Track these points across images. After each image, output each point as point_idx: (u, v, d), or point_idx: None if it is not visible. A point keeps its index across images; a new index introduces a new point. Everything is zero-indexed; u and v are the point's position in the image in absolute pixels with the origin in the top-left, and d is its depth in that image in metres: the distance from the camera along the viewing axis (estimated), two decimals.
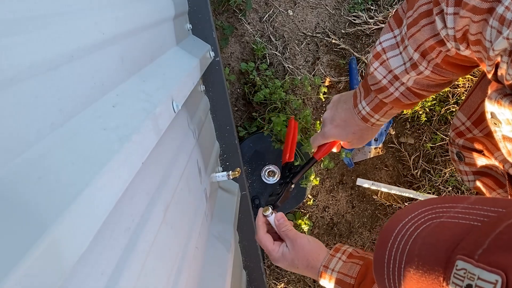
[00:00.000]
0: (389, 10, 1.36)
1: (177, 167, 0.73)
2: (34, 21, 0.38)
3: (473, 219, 0.40)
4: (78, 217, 0.33)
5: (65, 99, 0.42)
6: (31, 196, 0.32)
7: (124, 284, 0.46)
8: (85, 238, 0.34)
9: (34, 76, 0.37)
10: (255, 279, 1.38)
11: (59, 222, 0.30)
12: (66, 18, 0.44)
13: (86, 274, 0.39)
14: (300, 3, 1.37)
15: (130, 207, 0.52)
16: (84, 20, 0.48)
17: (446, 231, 0.40)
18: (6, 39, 0.34)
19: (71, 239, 0.32)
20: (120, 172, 0.41)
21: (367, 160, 1.48)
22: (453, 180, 1.47)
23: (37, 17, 0.39)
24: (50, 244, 0.29)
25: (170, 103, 0.62)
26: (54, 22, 0.42)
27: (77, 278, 0.37)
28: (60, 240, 0.30)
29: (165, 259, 0.62)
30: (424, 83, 0.70)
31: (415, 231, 0.42)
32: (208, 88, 1.12)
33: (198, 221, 0.83)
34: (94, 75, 0.49)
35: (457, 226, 0.40)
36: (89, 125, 0.44)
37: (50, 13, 0.42)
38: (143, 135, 0.49)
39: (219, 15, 1.35)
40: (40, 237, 0.28)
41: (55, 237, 0.29)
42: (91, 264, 0.40)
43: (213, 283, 0.83)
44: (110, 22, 0.54)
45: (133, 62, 0.62)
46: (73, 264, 0.32)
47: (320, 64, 1.40)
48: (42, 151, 0.36)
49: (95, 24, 0.50)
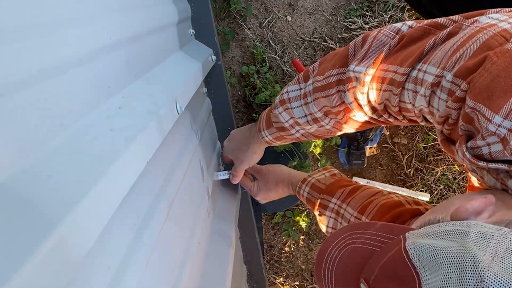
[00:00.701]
0: (383, 16, 1.36)
1: (180, 166, 0.73)
2: (44, 27, 0.38)
3: (375, 245, 0.45)
4: (86, 214, 0.33)
5: (73, 101, 0.42)
6: (41, 194, 0.32)
7: (130, 277, 0.46)
8: (93, 234, 0.34)
9: (44, 79, 0.37)
10: (255, 273, 1.38)
11: (68, 219, 0.30)
12: (75, 24, 0.44)
13: (93, 269, 0.39)
14: (298, 9, 1.37)
15: (135, 204, 0.52)
16: (92, 26, 0.48)
17: (357, 256, 0.45)
18: (18, 44, 0.34)
19: (79, 236, 0.32)
20: (126, 171, 0.42)
21: None
22: (445, 178, 1.47)
23: (47, 23, 0.39)
24: (59, 240, 0.29)
25: (174, 105, 0.62)
26: (63, 27, 0.42)
27: (84, 272, 0.37)
28: (68, 236, 0.30)
29: (169, 253, 0.62)
30: (324, 131, 0.75)
31: (338, 255, 0.47)
32: (210, 91, 1.13)
33: (200, 217, 0.83)
34: (101, 78, 0.49)
35: (365, 251, 0.45)
36: (96, 126, 0.44)
37: (60, 19, 0.42)
38: (148, 136, 0.49)
39: (220, 21, 1.35)
40: (49, 233, 0.28)
41: (63, 234, 0.29)
42: (98, 259, 0.40)
43: (215, 277, 0.83)
44: (117, 28, 0.54)
45: (138, 66, 0.62)
46: (80, 259, 0.32)
47: None
48: (51, 151, 0.36)
49: (103, 29, 0.50)
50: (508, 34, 0.44)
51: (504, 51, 0.43)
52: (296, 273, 1.58)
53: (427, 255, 0.37)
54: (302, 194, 0.90)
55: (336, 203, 0.82)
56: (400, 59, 0.54)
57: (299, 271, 1.57)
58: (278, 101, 0.76)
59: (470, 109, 0.45)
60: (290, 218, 1.51)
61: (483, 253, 0.35)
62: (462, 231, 0.38)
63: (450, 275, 0.35)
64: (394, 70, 0.54)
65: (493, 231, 0.37)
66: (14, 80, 0.33)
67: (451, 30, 0.51)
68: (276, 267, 1.57)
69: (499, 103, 0.42)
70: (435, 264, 0.36)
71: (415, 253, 0.38)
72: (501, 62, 0.43)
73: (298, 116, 0.74)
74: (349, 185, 0.85)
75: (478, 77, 0.44)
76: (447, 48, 0.49)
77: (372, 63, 0.58)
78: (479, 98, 0.44)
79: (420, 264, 0.37)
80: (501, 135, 0.43)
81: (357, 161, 1.40)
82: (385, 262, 0.41)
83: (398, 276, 0.38)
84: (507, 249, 0.35)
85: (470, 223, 0.39)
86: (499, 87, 0.42)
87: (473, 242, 0.36)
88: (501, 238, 0.36)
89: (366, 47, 0.61)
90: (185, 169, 0.76)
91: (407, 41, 0.56)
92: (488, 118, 0.43)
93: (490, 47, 0.45)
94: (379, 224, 0.48)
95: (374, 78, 0.58)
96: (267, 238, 1.54)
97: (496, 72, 0.43)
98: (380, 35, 0.60)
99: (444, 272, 0.35)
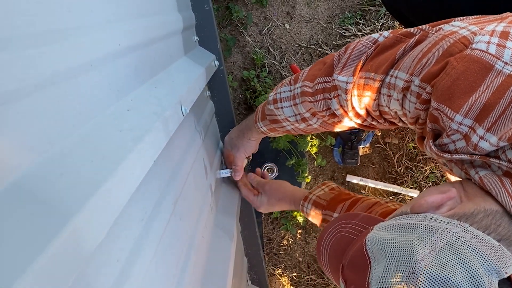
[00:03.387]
0: (375, 24, 1.35)
1: (185, 165, 0.73)
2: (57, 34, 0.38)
3: (355, 234, 0.47)
4: (97, 209, 0.33)
5: (84, 103, 0.42)
6: (54, 191, 0.32)
7: (138, 269, 0.46)
8: (103, 228, 0.34)
9: (57, 83, 0.37)
10: (255, 265, 1.38)
11: (80, 214, 0.30)
12: (86, 31, 0.44)
13: (103, 261, 0.39)
14: (296, 18, 1.37)
15: (143, 200, 0.52)
16: (102, 33, 0.48)
17: (341, 243, 0.48)
18: (32, 50, 0.34)
19: (90, 229, 0.32)
20: (134, 169, 0.42)
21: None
22: (433, 176, 1.47)
23: (60, 30, 0.39)
24: (71, 234, 0.29)
25: (179, 107, 0.62)
26: (75, 34, 0.42)
27: (95, 264, 0.37)
28: (80, 230, 0.30)
29: (174, 247, 0.62)
30: (312, 129, 0.76)
31: (330, 241, 0.50)
32: (213, 94, 1.12)
33: (204, 213, 0.83)
34: (111, 82, 0.49)
35: (347, 239, 0.48)
36: (106, 127, 0.44)
37: (72, 26, 0.42)
38: (155, 136, 0.49)
39: (223, 28, 1.35)
40: (62, 227, 0.28)
41: (76, 227, 0.29)
42: (108, 251, 0.40)
43: (217, 269, 0.83)
44: (126, 35, 0.54)
45: (145, 71, 0.62)
46: (91, 251, 0.32)
47: None
48: (64, 150, 0.36)
49: (112, 36, 0.50)
50: (467, 41, 0.45)
51: (463, 57, 0.44)
52: (293, 264, 1.58)
53: (378, 247, 0.39)
54: (305, 211, 0.91)
55: None
56: (375, 66, 0.56)
57: (297, 263, 1.57)
58: (271, 99, 0.77)
59: (435, 110, 0.46)
60: (288, 214, 1.51)
61: (423, 247, 0.36)
62: (412, 225, 0.39)
63: (390, 266, 0.36)
64: (371, 77, 0.56)
65: (440, 225, 0.38)
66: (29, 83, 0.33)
67: (419, 38, 0.52)
68: (275, 259, 1.57)
69: (459, 103, 0.43)
70: (381, 255, 0.38)
71: (370, 244, 0.40)
72: (460, 66, 0.43)
73: (288, 115, 0.75)
74: (348, 199, 0.85)
75: (440, 81, 0.45)
76: (414, 55, 0.50)
77: (352, 71, 0.59)
78: (441, 99, 0.45)
79: (372, 254, 0.39)
80: (463, 132, 0.44)
81: (350, 160, 1.39)
82: (353, 251, 0.43)
83: (357, 264, 0.41)
84: (446, 243, 0.35)
85: (425, 217, 0.40)
86: (458, 89, 0.43)
87: (417, 236, 0.37)
88: (445, 232, 0.37)
89: (346, 56, 0.61)
90: (189, 167, 0.76)
91: (381, 48, 0.57)
92: (450, 117, 0.44)
93: (451, 54, 0.46)
94: (361, 215, 0.50)
95: (354, 86, 0.59)
96: (267, 232, 1.54)
97: (456, 76, 0.43)
98: (359, 45, 0.61)
99: (386, 263, 0.36)
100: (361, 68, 0.58)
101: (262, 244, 1.41)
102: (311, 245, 1.56)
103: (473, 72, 0.42)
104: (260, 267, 1.38)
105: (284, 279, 1.59)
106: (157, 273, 0.53)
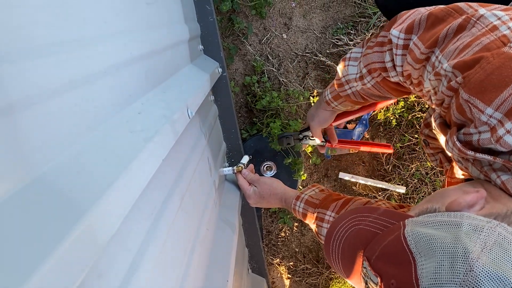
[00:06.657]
0: (365, 34, 1.35)
1: (191, 163, 0.73)
2: (75, 43, 0.38)
3: (378, 228, 0.44)
4: (110, 204, 0.33)
5: (99, 107, 0.42)
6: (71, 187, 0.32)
7: (147, 260, 0.46)
8: (116, 222, 0.34)
9: (74, 89, 0.37)
10: (255, 255, 1.38)
11: (94, 209, 0.30)
12: (101, 41, 0.44)
13: (116, 252, 0.39)
14: (292, 28, 1.37)
15: (152, 196, 0.52)
16: (115, 42, 0.48)
17: (361, 236, 0.45)
18: (52, 58, 0.34)
19: (104, 223, 0.32)
20: (144, 167, 0.42)
21: (347, 157, 1.48)
22: (418, 174, 1.47)
23: (77, 39, 0.39)
24: (87, 227, 0.29)
25: (186, 110, 0.62)
26: (91, 43, 0.42)
27: (108, 255, 0.37)
28: (95, 223, 0.30)
29: (181, 239, 0.62)
30: (367, 92, 0.74)
31: (345, 234, 0.47)
32: (217, 98, 1.12)
33: (208, 207, 0.83)
34: (123, 88, 0.49)
35: (368, 232, 0.44)
36: (119, 128, 0.44)
37: (88, 36, 0.42)
38: (163, 137, 0.49)
39: (225, 38, 1.35)
40: (78, 221, 0.28)
41: (90, 221, 0.29)
42: (120, 243, 0.40)
43: (221, 259, 0.83)
44: (137, 44, 0.54)
45: (155, 77, 0.62)
46: (105, 243, 0.32)
47: (309, 78, 1.40)
48: (80, 150, 0.36)
49: (125, 46, 0.50)
50: (506, 40, 0.44)
51: (500, 53, 0.43)
52: (290, 255, 1.58)
53: (423, 243, 0.36)
54: (297, 210, 0.88)
55: (331, 215, 0.81)
56: (426, 38, 0.53)
57: (293, 253, 1.57)
58: (342, 60, 0.75)
59: (464, 101, 0.45)
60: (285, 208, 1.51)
61: (474, 245, 0.34)
62: (455, 223, 0.37)
63: (443, 263, 0.34)
64: (418, 47, 0.54)
65: (483, 223, 0.36)
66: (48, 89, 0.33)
67: (462, 22, 0.50)
68: (273, 249, 1.57)
69: (491, 96, 0.42)
70: (430, 252, 0.35)
71: (412, 240, 0.37)
72: (496, 62, 0.42)
73: (350, 73, 0.73)
74: (340, 198, 0.83)
75: (473, 74, 0.44)
76: (456, 45, 0.49)
77: (405, 28, 0.57)
78: (473, 92, 0.43)
79: (416, 250, 0.36)
80: (491, 125, 0.43)
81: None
82: (385, 245, 0.40)
83: (397, 259, 0.37)
84: (495, 241, 0.34)
85: (463, 215, 0.38)
86: (492, 83, 0.42)
87: (465, 234, 0.35)
88: (490, 231, 0.35)
89: (408, 14, 0.59)
90: (195, 165, 0.76)
91: (431, 23, 0.54)
92: (481, 109, 0.43)
93: (488, 49, 0.44)
94: (382, 210, 0.47)
95: (404, 46, 0.57)
96: (266, 225, 1.54)
97: (490, 70, 0.42)
98: (421, 8, 0.59)
99: (437, 259, 0.34)
100: (413, 30, 0.56)
101: (261, 236, 1.41)
102: (306, 237, 1.56)
103: (508, 68, 0.41)
104: (260, 257, 1.38)
105: (282, 268, 1.59)
106: (166, 262, 0.53)
